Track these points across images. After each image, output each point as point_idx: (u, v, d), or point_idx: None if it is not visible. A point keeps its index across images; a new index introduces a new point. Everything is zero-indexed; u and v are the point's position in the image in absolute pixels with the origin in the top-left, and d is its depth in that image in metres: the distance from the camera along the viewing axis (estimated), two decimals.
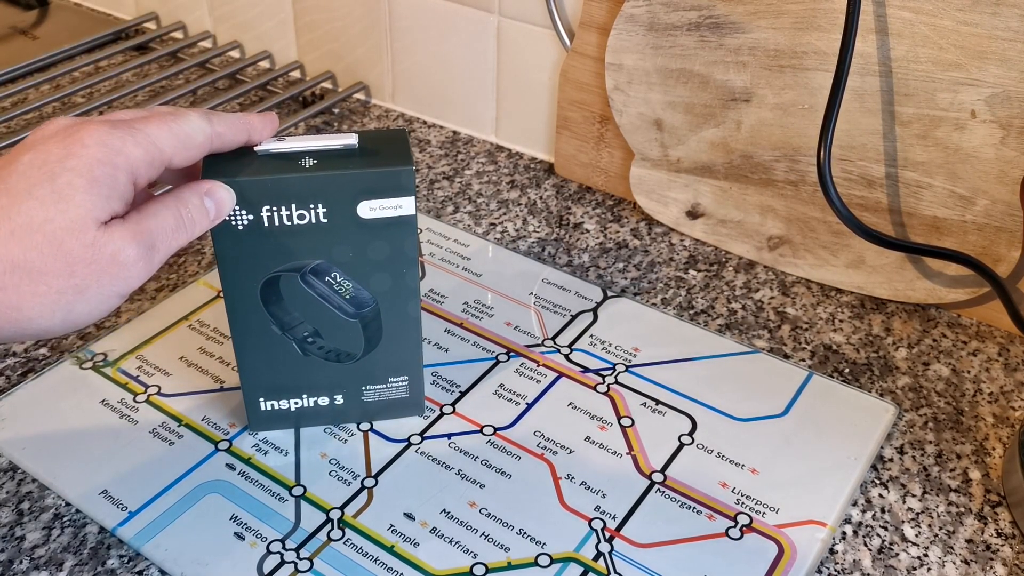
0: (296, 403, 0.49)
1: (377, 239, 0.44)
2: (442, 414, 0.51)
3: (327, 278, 0.44)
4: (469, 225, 0.67)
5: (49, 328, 0.36)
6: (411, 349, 0.48)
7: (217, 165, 0.41)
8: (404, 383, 0.49)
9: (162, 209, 0.38)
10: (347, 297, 0.45)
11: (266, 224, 0.42)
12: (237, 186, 0.41)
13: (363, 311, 0.46)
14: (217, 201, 0.40)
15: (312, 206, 0.42)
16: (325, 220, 0.43)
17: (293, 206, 0.42)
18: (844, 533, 0.46)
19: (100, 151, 0.36)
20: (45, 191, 0.35)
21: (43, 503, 0.46)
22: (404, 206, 0.43)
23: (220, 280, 0.44)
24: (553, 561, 0.44)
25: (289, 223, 0.42)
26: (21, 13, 0.96)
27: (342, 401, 0.49)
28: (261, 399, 0.48)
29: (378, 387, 0.49)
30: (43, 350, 0.55)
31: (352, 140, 0.43)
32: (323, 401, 0.49)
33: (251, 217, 0.42)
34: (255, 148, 0.42)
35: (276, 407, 0.48)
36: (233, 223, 0.42)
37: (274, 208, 0.42)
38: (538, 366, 0.55)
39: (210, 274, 0.61)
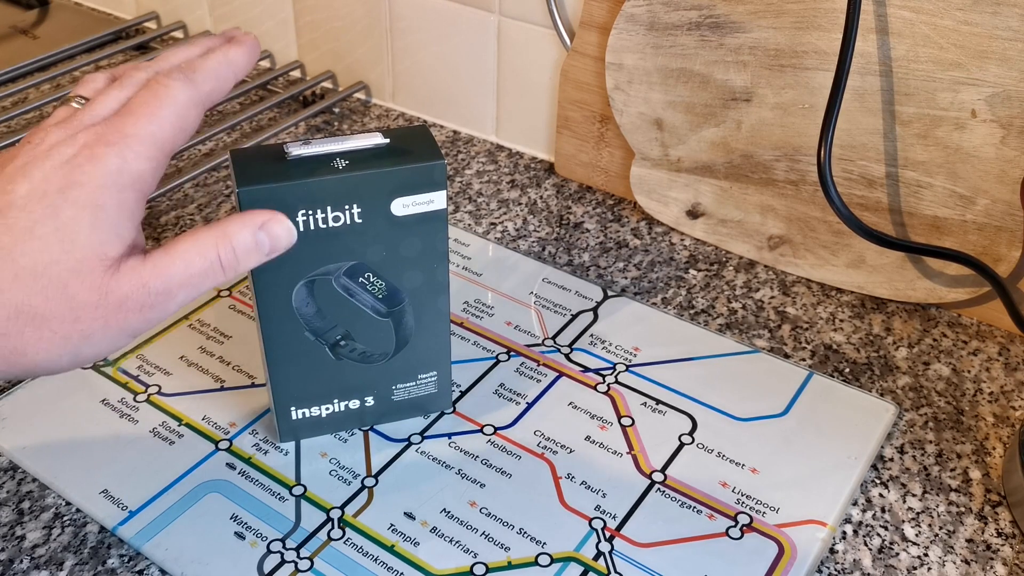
0: (327, 409, 0.48)
1: (410, 235, 0.44)
2: (442, 413, 0.51)
3: (360, 279, 0.44)
4: (469, 224, 0.67)
5: (55, 369, 0.35)
6: (440, 344, 0.48)
7: (249, 172, 0.40)
8: (433, 378, 0.49)
9: (192, 250, 0.35)
10: (380, 297, 0.45)
11: (301, 229, 0.42)
12: (273, 192, 0.40)
13: (395, 309, 0.46)
14: (272, 237, 0.37)
15: (347, 207, 0.42)
16: (360, 220, 0.42)
17: (328, 208, 0.42)
18: (844, 533, 0.46)
19: (103, 176, 0.34)
20: (48, 229, 0.33)
21: (43, 502, 0.46)
22: (436, 201, 0.43)
23: (253, 291, 0.43)
24: (553, 561, 0.44)
25: (324, 226, 0.42)
26: (21, 13, 0.96)
27: (372, 402, 0.49)
28: (292, 408, 0.48)
29: (408, 385, 0.49)
30: None
31: (380, 139, 0.43)
32: (354, 404, 0.49)
33: None
34: (286, 153, 0.42)
35: (307, 415, 0.48)
36: None
37: (310, 212, 0.41)
38: (538, 365, 0.55)
39: None
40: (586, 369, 0.54)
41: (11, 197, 0.34)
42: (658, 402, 0.52)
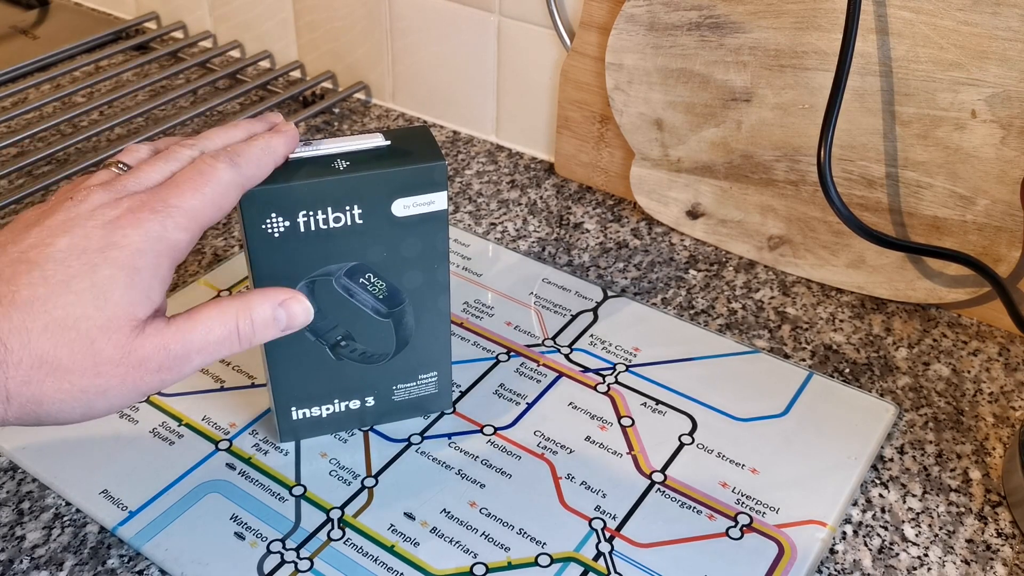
0: (328, 409, 0.48)
1: (410, 236, 0.44)
2: (442, 414, 0.51)
3: (361, 279, 0.44)
4: (469, 225, 0.67)
5: (66, 420, 0.35)
6: (441, 344, 0.48)
7: None
8: (433, 379, 0.49)
9: (215, 319, 0.37)
10: (380, 297, 0.45)
11: (302, 229, 0.42)
12: (274, 193, 0.40)
13: (396, 309, 0.46)
14: (290, 314, 0.39)
15: (348, 208, 0.42)
16: (360, 221, 0.42)
17: (329, 209, 0.42)
18: (844, 533, 0.46)
19: (143, 241, 0.35)
20: (84, 284, 0.34)
21: (43, 503, 0.46)
22: (437, 201, 0.43)
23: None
24: (553, 561, 0.44)
25: (325, 227, 0.42)
26: (21, 13, 0.96)
27: (373, 403, 0.49)
28: (293, 408, 0.48)
29: (408, 385, 0.49)
30: None
31: (381, 140, 0.43)
32: (354, 404, 0.49)
33: (287, 224, 0.41)
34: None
35: (308, 415, 0.48)
36: (269, 231, 0.41)
37: (311, 213, 0.41)
38: (538, 366, 0.55)
39: (210, 274, 0.61)
40: (586, 369, 0.54)
41: (51, 251, 0.35)
42: (658, 402, 0.52)
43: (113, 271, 0.35)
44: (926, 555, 0.45)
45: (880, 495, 0.48)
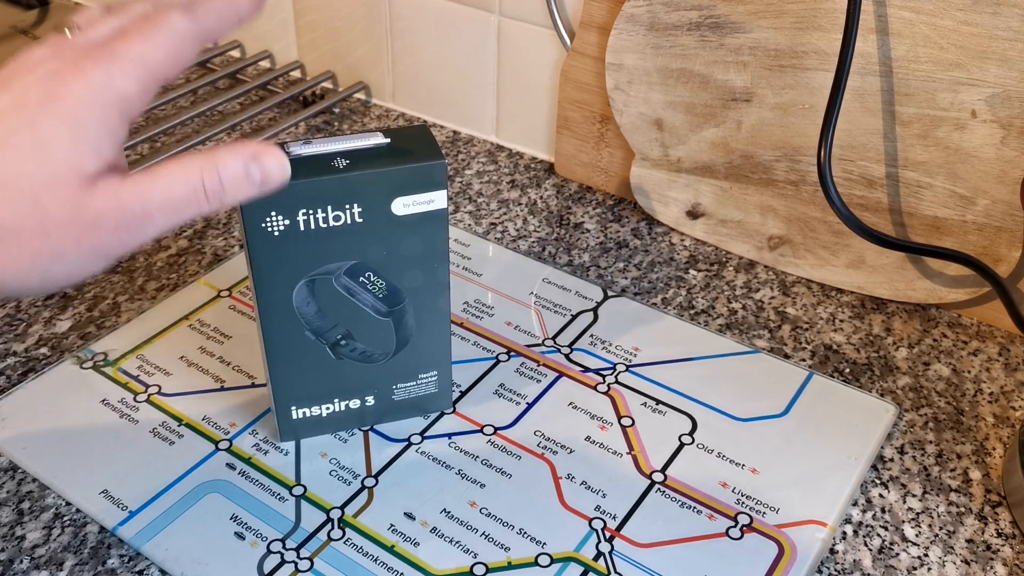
0: (328, 408, 0.48)
1: (410, 235, 0.44)
2: (442, 414, 0.51)
3: (361, 278, 0.44)
4: (469, 225, 0.67)
5: (24, 289, 0.33)
6: (441, 344, 0.48)
7: None
8: (433, 378, 0.49)
9: (176, 173, 0.34)
10: (380, 296, 0.45)
11: (302, 228, 0.42)
12: (273, 192, 0.40)
13: (396, 308, 0.46)
14: (264, 170, 0.35)
15: (348, 206, 0.42)
16: (360, 220, 0.42)
17: (329, 208, 0.42)
18: (844, 533, 0.46)
19: (86, 91, 0.32)
20: (24, 140, 0.32)
21: (43, 503, 0.46)
22: (437, 200, 0.43)
23: (253, 289, 0.43)
24: (553, 561, 0.44)
25: (325, 225, 0.42)
26: (21, 13, 0.96)
27: (373, 402, 0.49)
28: (293, 407, 0.48)
29: (408, 384, 0.49)
30: (44, 349, 0.55)
31: (381, 138, 0.43)
32: (354, 404, 0.49)
33: (287, 222, 0.41)
34: (287, 152, 0.41)
35: (308, 414, 0.48)
36: (268, 230, 0.41)
37: (310, 211, 0.41)
38: (538, 366, 0.55)
39: (210, 273, 0.61)
40: (586, 369, 0.54)
41: None
42: (658, 402, 0.52)
43: (55, 124, 0.32)
44: (926, 555, 0.45)
45: (880, 495, 0.48)
